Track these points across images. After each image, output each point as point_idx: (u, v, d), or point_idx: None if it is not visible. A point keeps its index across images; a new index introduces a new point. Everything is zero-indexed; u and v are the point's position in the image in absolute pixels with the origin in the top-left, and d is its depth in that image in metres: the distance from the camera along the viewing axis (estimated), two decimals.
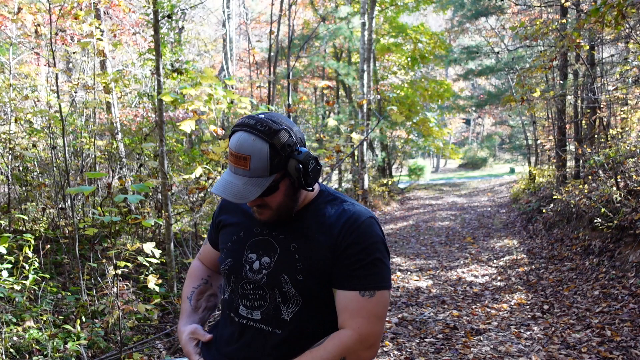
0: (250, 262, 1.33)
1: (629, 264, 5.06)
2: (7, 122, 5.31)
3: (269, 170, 1.21)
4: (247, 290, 1.33)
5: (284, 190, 1.26)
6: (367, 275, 1.24)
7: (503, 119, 27.48)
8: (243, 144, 1.20)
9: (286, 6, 9.46)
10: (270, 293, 1.30)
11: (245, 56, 18.83)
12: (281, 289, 1.28)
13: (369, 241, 1.27)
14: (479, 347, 3.81)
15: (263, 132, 1.20)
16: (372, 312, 1.23)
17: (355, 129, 8.53)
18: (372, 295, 1.24)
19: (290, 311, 1.28)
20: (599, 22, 5.08)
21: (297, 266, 1.27)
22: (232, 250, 1.38)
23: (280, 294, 1.28)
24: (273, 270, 1.29)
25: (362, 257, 1.25)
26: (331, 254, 1.26)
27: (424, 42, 15.35)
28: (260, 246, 1.33)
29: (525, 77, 9.91)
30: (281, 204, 1.27)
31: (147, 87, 7.89)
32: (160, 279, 3.60)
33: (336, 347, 1.22)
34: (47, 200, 5.46)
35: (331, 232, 1.27)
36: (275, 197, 1.26)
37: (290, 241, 1.30)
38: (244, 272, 1.33)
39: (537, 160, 14.41)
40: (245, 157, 1.19)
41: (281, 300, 1.28)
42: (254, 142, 1.19)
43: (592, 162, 7.27)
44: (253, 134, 1.20)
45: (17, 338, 3.18)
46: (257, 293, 1.31)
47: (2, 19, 6.07)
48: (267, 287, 1.30)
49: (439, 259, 7.26)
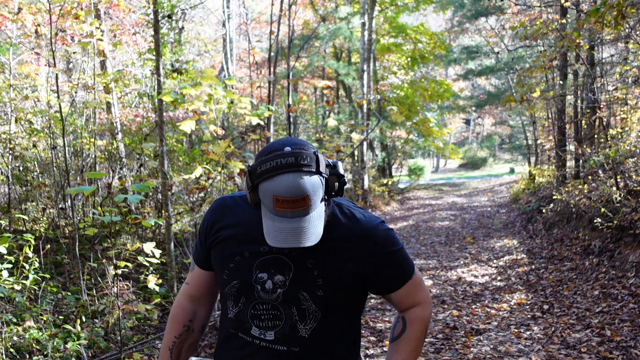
0: (261, 282, 1.26)
1: (628, 264, 5.06)
2: (7, 122, 5.32)
3: (321, 195, 1.16)
4: (260, 311, 1.26)
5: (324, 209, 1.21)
6: (404, 268, 1.35)
7: (503, 119, 27.48)
8: (298, 185, 1.10)
9: (286, 6, 9.47)
10: (286, 312, 1.25)
11: (245, 56, 18.84)
12: (300, 306, 1.24)
13: (389, 244, 1.32)
14: (478, 347, 3.82)
15: (307, 166, 1.12)
16: (420, 284, 1.39)
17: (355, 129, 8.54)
18: (414, 275, 1.37)
19: (308, 328, 1.25)
20: (598, 22, 5.08)
21: (316, 282, 1.24)
22: (237, 271, 1.28)
23: (298, 312, 1.24)
24: (290, 289, 1.24)
25: (394, 261, 1.32)
26: (358, 272, 1.28)
27: (424, 42, 15.36)
28: (271, 265, 1.26)
29: (525, 77, 9.92)
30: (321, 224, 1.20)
31: (147, 87, 7.89)
32: (160, 279, 3.61)
33: (419, 328, 1.36)
34: (47, 200, 5.46)
35: (353, 249, 1.27)
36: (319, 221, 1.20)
37: (306, 257, 1.24)
38: (256, 293, 1.26)
39: (537, 160, 14.41)
40: (304, 198, 1.11)
41: (298, 319, 1.25)
42: (309, 180, 1.12)
43: (592, 162, 7.27)
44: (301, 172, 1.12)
45: (17, 338, 3.18)
46: (270, 313, 1.25)
47: (2, 19, 6.08)
48: (283, 305, 1.25)
49: (439, 258, 7.26)
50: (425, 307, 1.38)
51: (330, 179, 1.19)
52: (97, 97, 5.87)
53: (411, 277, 1.35)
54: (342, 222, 1.29)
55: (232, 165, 4.09)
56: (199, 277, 1.43)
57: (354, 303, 1.33)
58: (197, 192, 5.12)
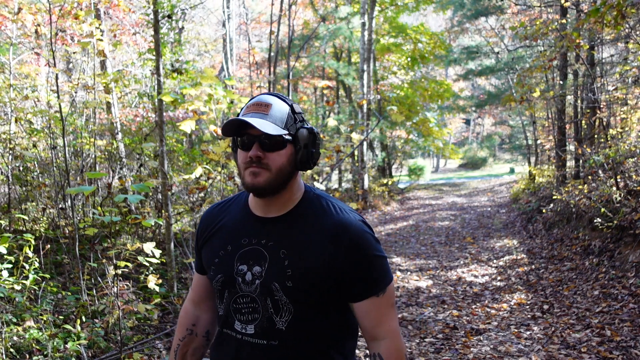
0: (242, 274, 1.30)
1: (628, 264, 5.06)
2: (7, 122, 5.31)
3: (285, 124, 1.25)
4: (240, 305, 1.30)
5: (288, 154, 1.26)
6: (376, 278, 1.28)
7: (503, 119, 27.48)
8: (268, 97, 1.29)
9: (286, 6, 9.46)
10: (262, 305, 1.27)
11: (245, 56, 18.83)
12: (273, 297, 1.26)
13: (365, 245, 1.27)
14: (479, 347, 3.82)
15: (284, 99, 1.31)
16: (389, 304, 1.30)
17: (355, 129, 8.54)
18: (384, 291, 1.29)
19: (284, 320, 1.26)
20: (598, 22, 5.08)
21: (286, 273, 1.25)
22: (221, 265, 1.34)
23: (272, 304, 1.26)
24: (265, 280, 1.27)
25: (366, 267, 1.27)
26: (328, 267, 1.25)
27: (424, 42, 15.36)
28: (250, 256, 1.30)
29: (525, 77, 9.92)
30: (281, 168, 1.25)
31: (147, 87, 7.89)
32: (160, 279, 3.61)
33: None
34: (47, 200, 5.46)
35: (324, 246, 1.26)
36: (279, 156, 1.25)
37: (279, 248, 1.28)
38: (237, 286, 1.30)
39: (537, 160, 14.41)
40: (267, 105, 1.26)
41: (273, 311, 1.26)
42: (276, 99, 1.29)
43: (592, 162, 7.27)
44: (274, 95, 1.31)
45: (17, 338, 3.18)
46: (250, 306, 1.29)
47: (2, 19, 6.08)
48: (260, 297, 1.27)
49: (439, 259, 7.26)
50: (396, 338, 1.30)
51: (301, 130, 1.29)
52: (97, 97, 5.86)
53: (382, 291, 1.27)
54: (318, 214, 1.30)
55: (232, 165, 4.09)
56: (197, 281, 1.52)
57: (326, 299, 1.28)
58: (197, 192, 5.12)
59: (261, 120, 1.23)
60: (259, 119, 1.23)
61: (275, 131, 1.21)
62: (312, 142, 1.30)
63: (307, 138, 1.28)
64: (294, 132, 1.27)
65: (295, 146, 1.28)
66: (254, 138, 1.24)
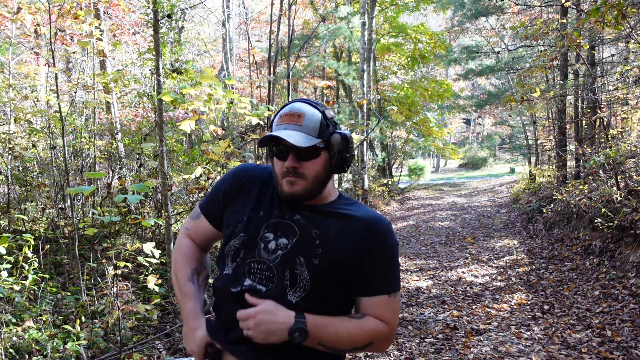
0: (266, 240, 1.31)
1: (629, 264, 5.05)
2: (7, 122, 5.31)
3: (317, 132, 1.28)
4: (254, 269, 1.31)
5: (322, 162, 1.30)
6: (392, 277, 1.32)
7: (503, 119, 27.47)
8: (300, 106, 1.30)
9: (286, 6, 9.46)
10: (279, 275, 1.28)
11: (245, 56, 18.83)
12: (294, 270, 1.27)
13: (391, 247, 1.32)
14: (479, 347, 3.81)
15: (316, 105, 1.32)
16: (396, 309, 1.32)
17: (355, 129, 8.53)
18: (395, 295, 1.32)
19: (297, 295, 1.27)
20: (599, 22, 5.07)
21: (316, 251, 1.28)
22: (248, 226, 1.35)
23: (290, 276, 1.27)
24: (289, 252, 1.29)
25: (387, 264, 1.31)
26: (354, 256, 1.28)
27: (424, 42, 15.34)
28: (279, 228, 1.32)
29: (525, 77, 9.90)
30: (317, 176, 1.29)
31: (147, 87, 7.88)
32: (160, 279, 3.60)
33: (371, 330, 1.27)
34: (46, 200, 5.45)
35: (357, 234, 1.30)
36: (314, 165, 1.29)
37: (312, 227, 1.31)
38: (257, 251, 1.31)
39: (537, 160, 14.41)
40: (299, 115, 1.28)
41: (289, 283, 1.27)
42: (308, 107, 1.31)
43: (592, 162, 7.26)
44: (307, 103, 1.32)
45: (17, 338, 3.17)
46: (264, 274, 1.29)
47: (2, 19, 6.07)
48: (278, 268, 1.28)
49: (439, 259, 7.25)
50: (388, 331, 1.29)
51: (334, 135, 1.31)
52: (97, 97, 5.86)
53: (394, 293, 1.31)
54: (350, 207, 1.36)
55: (232, 165, 4.08)
56: (202, 227, 1.50)
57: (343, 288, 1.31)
58: (197, 192, 5.11)
59: (294, 132, 1.26)
60: (293, 130, 1.27)
61: (309, 142, 1.25)
62: (345, 147, 1.32)
63: (340, 143, 1.31)
64: (327, 138, 1.30)
65: (330, 152, 1.31)
66: (289, 148, 1.27)
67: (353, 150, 1.36)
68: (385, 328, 1.29)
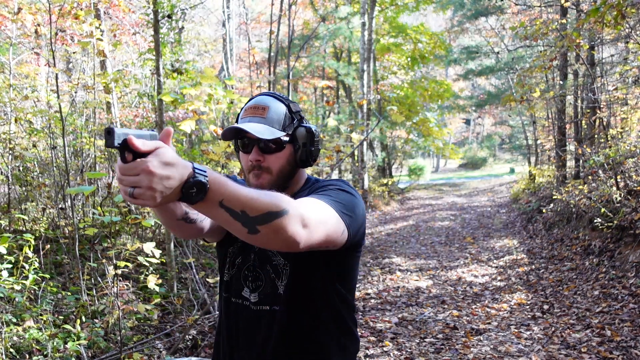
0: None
1: (629, 264, 5.05)
2: (7, 122, 5.31)
3: (282, 125, 1.27)
4: (249, 273, 1.37)
5: (287, 155, 1.30)
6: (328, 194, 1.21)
7: (503, 119, 27.47)
8: (264, 98, 1.30)
9: (286, 6, 9.46)
10: (264, 272, 1.33)
11: (245, 56, 18.83)
12: (272, 262, 1.32)
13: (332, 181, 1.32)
14: (479, 347, 3.81)
15: (280, 98, 1.32)
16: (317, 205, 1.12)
17: (355, 129, 8.54)
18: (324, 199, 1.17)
19: (284, 285, 1.31)
20: (598, 22, 5.08)
21: None
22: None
23: (272, 269, 1.31)
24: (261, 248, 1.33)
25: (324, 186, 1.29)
26: None
27: (424, 42, 15.36)
28: None
29: (525, 77, 9.92)
30: (281, 169, 1.29)
31: (147, 87, 7.89)
32: (160, 279, 3.60)
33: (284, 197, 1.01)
34: (47, 200, 5.46)
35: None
36: (278, 158, 1.28)
37: None
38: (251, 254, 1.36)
39: (537, 160, 14.41)
40: (264, 107, 1.27)
41: (275, 276, 1.31)
42: (273, 99, 1.30)
43: (592, 162, 7.27)
44: (272, 96, 1.32)
45: (17, 338, 3.18)
46: (253, 274, 1.35)
47: (2, 19, 6.07)
48: (261, 265, 1.33)
49: (439, 259, 7.26)
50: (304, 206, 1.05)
51: (299, 128, 1.30)
52: (97, 97, 5.86)
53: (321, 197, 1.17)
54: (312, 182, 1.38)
55: (232, 165, 4.09)
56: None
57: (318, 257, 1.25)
58: None
59: (258, 125, 1.25)
60: (257, 122, 1.26)
61: (271, 135, 1.24)
62: (310, 140, 1.31)
63: (305, 137, 1.30)
64: (292, 131, 1.30)
65: (295, 146, 1.31)
66: (253, 141, 1.28)
67: (319, 144, 1.35)
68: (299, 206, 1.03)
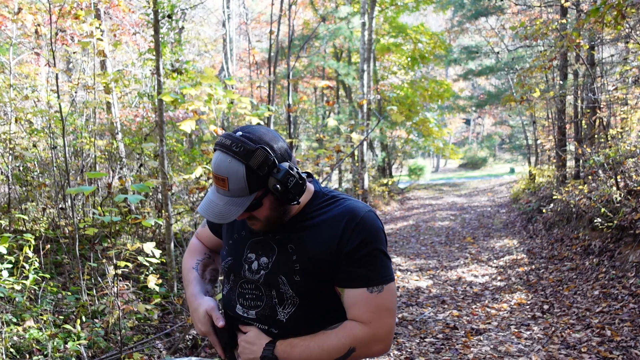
0: (249, 261, 1.34)
1: (629, 264, 5.06)
2: (7, 122, 5.31)
3: (248, 189, 1.20)
4: (245, 290, 1.34)
5: (268, 206, 1.26)
6: (372, 270, 1.24)
7: (503, 119, 27.48)
8: (220, 165, 1.20)
9: (286, 6, 9.47)
10: (267, 294, 1.30)
11: (245, 56, 18.84)
12: (278, 289, 1.28)
13: (370, 235, 1.25)
14: (479, 347, 3.82)
15: (238, 154, 1.18)
16: (382, 307, 1.23)
17: (355, 129, 8.54)
18: (380, 290, 1.24)
19: (286, 312, 1.28)
20: (598, 22, 5.08)
21: (294, 267, 1.27)
22: (233, 249, 1.40)
23: (277, 295, 1.28)
24: (271, 271, 1.29)
25: (365, 253, 1.24)
26: (332, 254, 1.25)
27: (424, 42, 15.35)
28: (259, 246, 1.34)
29: (525, 77, 9.91)
30: (269, 217, 1.28)
31: (147, 87, 7.89)
32: (160, 279, 3.60)
33: (347, 336, 1.23)
34: (47, 200, 5.46)
35: (331, 232, 1.26)
36: (261, 212, 1.26)
37: (287, 242, 1.30)
38: (242, 272, 1.34)
39: (537, 160, 14.41)
40: (223, 179, 1.20)
41: (277, 302, 1.28)
42: (229, 164, 1.18)
43: (592, 162, 7.27)
44: (229, 155, 1.19)
45: (17, 338, 3.18)
46: (254, 293, 1.32)
47: (2, 19, 6.07)
48: (264, 287, 1.30)
49: (439, 258, 7.26)
50: (367, 332, 1.22)
51: (269, 180, 1.21)
52: (97, 97, 5.86)
53: (375, 288, 1.23)
54: (326, 208, 1.32)
55: None
56: (207, 236, 1.60)
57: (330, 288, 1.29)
58: (197, 192, 5.11)
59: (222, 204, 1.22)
60: (222, 198, 1.22)
61: (239, 210, 1.21)
62: (284, 182, 1.20)
63: (278, 182, 1.20)
64: (263, 186, 1.22)
65: (272, 195, 1.24)
66: None
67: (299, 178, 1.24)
68: (363, 331, 1.23)
